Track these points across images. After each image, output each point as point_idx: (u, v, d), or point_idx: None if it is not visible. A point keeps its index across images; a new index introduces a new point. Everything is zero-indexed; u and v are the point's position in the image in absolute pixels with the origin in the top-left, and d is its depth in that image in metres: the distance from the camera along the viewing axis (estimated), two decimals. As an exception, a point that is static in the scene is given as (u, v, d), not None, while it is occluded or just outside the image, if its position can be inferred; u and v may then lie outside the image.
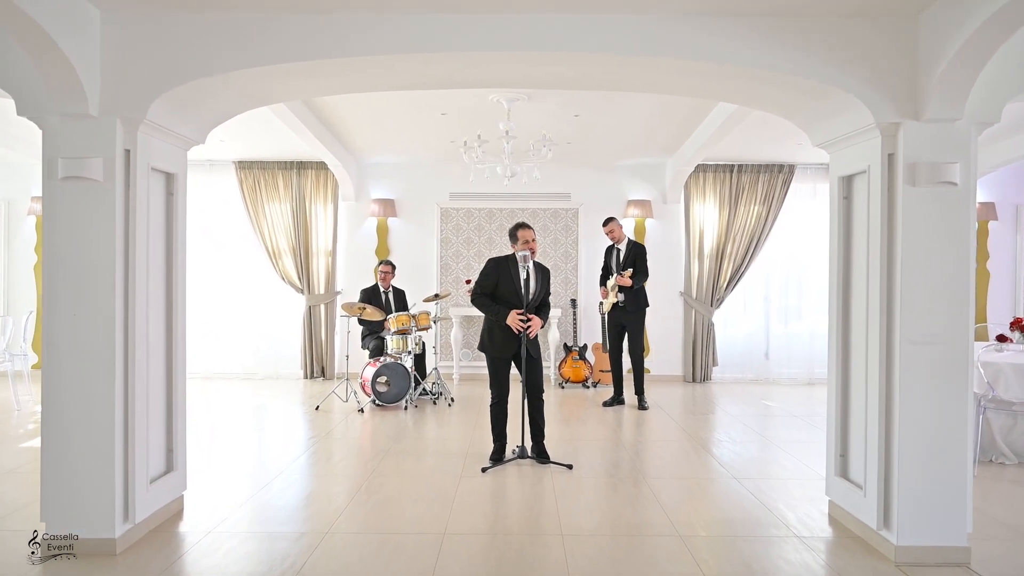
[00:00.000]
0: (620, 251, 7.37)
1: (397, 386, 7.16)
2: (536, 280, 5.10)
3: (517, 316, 4.93)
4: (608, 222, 7.42)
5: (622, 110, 6.91)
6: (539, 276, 5.14)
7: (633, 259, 7.23)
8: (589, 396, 8.14)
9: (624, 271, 7.14)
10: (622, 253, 7.34)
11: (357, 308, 7.26)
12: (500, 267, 5.11)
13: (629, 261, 7.24)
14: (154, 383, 3.80)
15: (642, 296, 7.30)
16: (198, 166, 9.07)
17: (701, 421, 6.81)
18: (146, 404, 3.66)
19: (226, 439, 5.90)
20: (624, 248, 7.34)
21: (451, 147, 7.95)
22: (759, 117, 6.86)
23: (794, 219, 9.15)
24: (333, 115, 7.24)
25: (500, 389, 5.13)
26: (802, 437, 6.13)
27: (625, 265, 7.23)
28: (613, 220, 7.43)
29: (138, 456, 3.56)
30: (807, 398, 8.15)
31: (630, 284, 7.11)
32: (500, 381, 5.13)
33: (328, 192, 9.11)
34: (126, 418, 3.53)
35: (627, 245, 7.34)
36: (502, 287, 5.08)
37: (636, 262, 7.21)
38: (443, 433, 6.28)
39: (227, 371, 9.17)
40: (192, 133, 4.03)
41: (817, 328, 9.19)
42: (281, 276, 9.08)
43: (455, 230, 9.23)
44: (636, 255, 7.24)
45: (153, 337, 3.78)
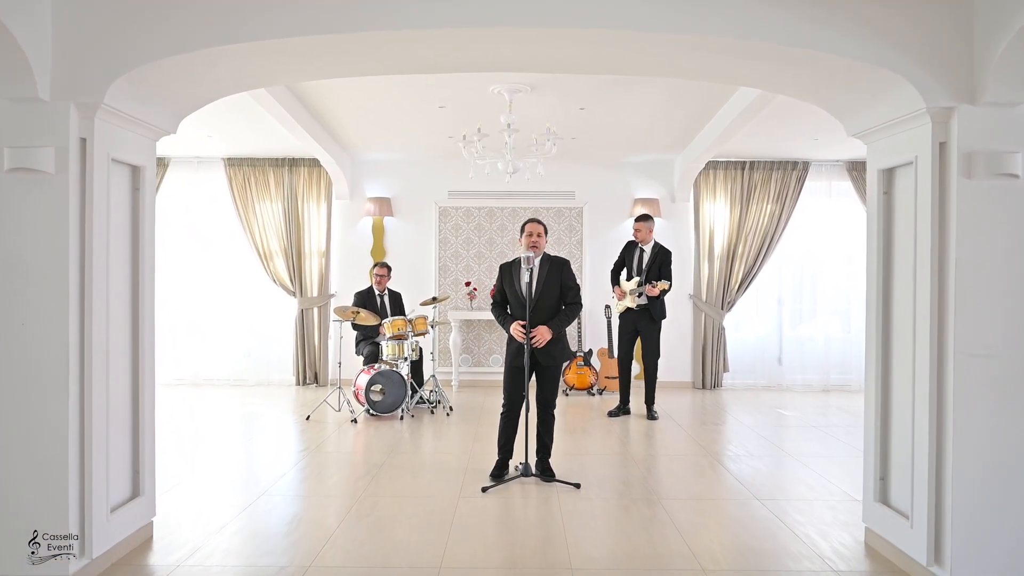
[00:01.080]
0: (644, 253, 6.95)
1: (392, 395, 6.77)
2: (543, 279, 4.70)
3: (519, 327, 4.59)
4: (643, 219, 6.98)
5: (629, 103, 6.52)
6: (549, 273, 4.72)
7: (659, 266, 6.82)
8: (595, 404, 7.75)
9: (658, 282, 6.69)
10: (646, 256, 6.92)
11: (350, 312, 6.87)
12: (503, 273, 4.80)
13: (655, 267, 6.82)
14: (117, 399, 3.41)
15: (664, 305, 6.91)
16: (185, 163, 8.69)
17: (714, 432, 6.42)
18: (106, 423, 3.26)
19: (208, 453, 5.50)
20: (649, 251, 6.92)
21: (450, 143, 7.56)
22: (773, 111, 6.48)
23: (808, 218, 8.76)
24: (325, 109, 6.85)
25: (509, 397, 4.75)
26: (824, 450, 5.73)
27: (650, 270, 6.81)
28: (649, 219, 6.99)
29: (96, 482, 3.17)
30: (823, 406, 7.76)
31: (657, 295, 6.70)
32: (510, 388, 4.75)
33: (321, 190, 8.72)
34: (82, 439, 3.13)
35: (653, 248, 6.92)
36: (507, 293, 4.77)
37: (662, 269, 6.80)
38: (441, 446, 5.89)
39: (217, 377, 8.78)
40: (162, 121, 3.64)
41: (832, 332, 8.81)
42: (272, 278, 8.69)
43: (454, 230, 8.84)
44: (663, 262, 6.84)
45: (115, 348, 3.39)
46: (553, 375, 4.77)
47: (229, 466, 5.17)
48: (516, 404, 4.72)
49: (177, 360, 8.76)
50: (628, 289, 6.90)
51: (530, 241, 4.71)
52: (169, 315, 8.73)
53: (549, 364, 4.72)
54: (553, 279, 4.72)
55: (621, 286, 6.99)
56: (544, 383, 4.75)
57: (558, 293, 4.73)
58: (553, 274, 4.73)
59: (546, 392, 4.76)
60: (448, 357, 8.72)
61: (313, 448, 5.69)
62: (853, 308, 8.81)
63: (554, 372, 4.78)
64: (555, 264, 4.78)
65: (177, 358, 8.76)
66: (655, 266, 6.80)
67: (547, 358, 4.70)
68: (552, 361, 4.73)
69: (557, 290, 4.73)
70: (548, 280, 4.71)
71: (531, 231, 4.73)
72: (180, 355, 8.77)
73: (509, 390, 4.75)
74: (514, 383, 4.71)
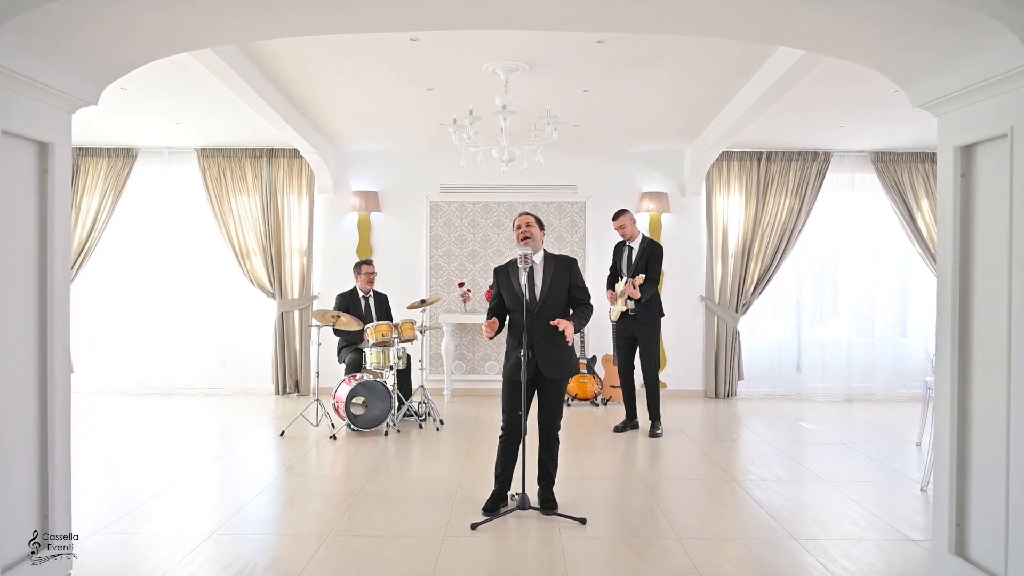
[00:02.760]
0: (632, 250, 6.30)
1: (376, 408, 6.12)
2: (548, 280, 4.09)
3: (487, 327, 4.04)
4: (619, 215, 6.36)
5: (637, 85, 5.87)
6: (556, 273, 4.11)
7: (646, 261, 6.16)
8: (599, 416, 7.10)
9: (635, 277, 6.06)
10: (634, 253, 6.27)
11: (330, 316, 6.21)
12: (499, 276, 4.16)
13: (642, 263, 6.17)
14: (15, 427, 2.74)
15: (656, 304, 6.23)
16: (154, 154, 8.03)
17: (731, 450, 5.76)
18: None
19: (162, 480, 4.83)
20: (637, 247, 6.27)
21: (440, 132, 6.89)
22: (795, 96, 5.85)
23: (830, 213, 8.11)
24: (304, 93, 6.20)
25: (508, 417, 4.10)
26: (858, 472, 5.08)
27: (637, 268, 6.17)
28: (625, 213, 6.36)
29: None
30: (848, 418, 7.10)
31: (638, 296, 6.04)
32: (509, 407, 4.10)
33: (303, 183, 8.06)
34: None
35: (641, 244, 6.27)
36: (506, 297, 4.13)
37: (648, 266, 6.14)
38: (428, 468, 5.24)
39: (190, 386, 8.12)
40: (77, 88, 2.98)
41: (856, 336, 8.16)
42: (249, 278, 8.03)
43: (446, 226, 8.18)
44: (649, 256, 6.17)
45: (15, 363, 2.72)
46: (558, 391, 4.13)
47: (182, 495, 4.50)
48: (518, 426, 4.07)
49: (146, 368, 8.10)
50: (618, 291, 6.26)
51: (519, 234, 4.12)
52: (137, 319, 8.09)
53: (554, 377, 4.07)
54: (560, 279, 4.11)
55: (614, 290, 6.35)
56: (547, 400, 4.10)
57: (566, 296, 4.13)
58: (560, 274, 4.12)
59: (550, 411, 4.12)
60: (440, 364, 8.06)
61: (284, 471, 5.03)
62: (877, 310, 8.16)
63: (559, 388, 4.13)
64: (562, 263, 4.16)
65: (146, 366, 8.10)
66: (642, 262, 6.15)
67: (551, 369, 4.05)
68: (557, 373, 4.09)
69: (565, 292, 4.12)
70: (555, 281, 4.10)
71: (519, 223, 4.17)
72: (149, 362, 8.11)
73: (509, 410, 4.10)
74: (514, 401, 4.06)
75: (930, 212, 7.91)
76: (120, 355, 8.10)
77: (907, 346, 8.15)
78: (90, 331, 8.09)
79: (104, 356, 8.11)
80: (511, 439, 4.10)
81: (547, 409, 4.11)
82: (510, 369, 4.08)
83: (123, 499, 4.33)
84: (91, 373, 8.10)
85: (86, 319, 8.09)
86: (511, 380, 4.08)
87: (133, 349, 8.10)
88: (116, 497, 4.36)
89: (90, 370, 8.10)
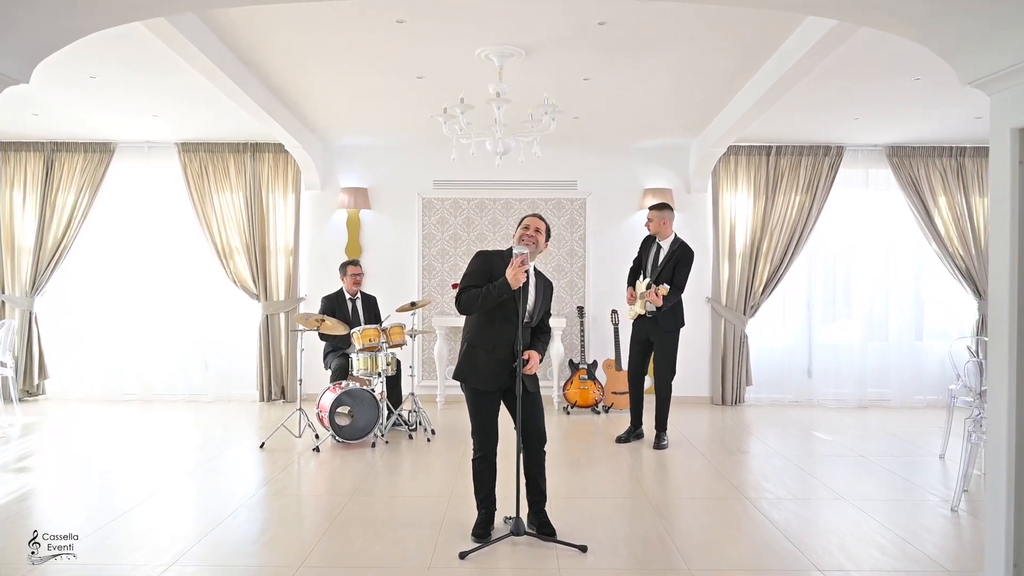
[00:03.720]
0: (661, 250, 5.87)
1: (363, 417, 5.73)
2: (540, 293, 3.79)
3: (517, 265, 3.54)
4: (654, 208, 5.86)
5: (641, 73, 5.50)
6: (545, 291, 3.83)
7: (673, 266, 5.75)
8: (599, 425, 6.71)
9: (660, 285, 5.58)
10: (662, 253, 5.84)
11: (314, 320, 5.83)
12: (493, 262, 3.67)
13: (668, 267, 5.75)
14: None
15: (679, 311, 5.84)
16: (133, 149, 7.66)
17: (742, 464, 5.37)
18: None
19: (126, 499, 4.43)
20: (667, 248, 5.85)
21: (432, 125, 6.49)
22: (807, 86, 5.48)
23: (843, 210, 7.74)
24: (287, 83, 5.83)
25: (484, 437, 3.71)
26: (880, 490, 4.69)
27: (663, 272, 5.74)
28: (664, 209, 5.85)
29: None
30: (863, 427, 6.72)
31: (661, 304, 5.63)
32: (484, 425, 3.71)
33: (288, 179, 7.68)
34: None
35: (671, 245, 5.82)
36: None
37: (675, 271, 5.73)
38: (417, 484, 4.85)
39: (170, 393, 7.73)
40: (3, 65, 2.59)
41: (870, 340, 7.79)
42: (233, 279, 7.64)
43: (439, 224, 7.80)
44: (678, 261, 5.76)
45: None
46: (539, 402, 3.81)
47: (144, 519, 4.10)
48: (492, 445, 3.73)
49: (124, 374, 7.72)
50: (639, 292, 5.84)
51: (525, 234, 3.73)
52: (115, 322, 7.71)
53: (534, 390, 3.74)
54: (544, 298, 3.83)
55: (635, 288, 5.94)
56: (531, 410, 3.72)
57: (541, 313, 3.82)
58: (545, 293, 3.84)
59: (536, 420, 3.76)
60: (432, 369, 7.68)
61: (260, 488, 4.64)
62: (892, 312, 7.79)
63: (539, 399, 3.81)
64: (546, 283, 3.88)
65: (124, 371, 7.72)
66: (669, 266, 5.74)
67: (533, 382, 3.73)
68: (537, 386, 3.78)
69: (541, 308, 3.81)
70: (542, 298, 3.81)
71: (529, 223, 3.79)
72: (127, 368, 7.73)
73: (481, 427, 3.72)
74: (487, 419, 3.71)
75: (948, 209, 7.53)
76: (97, 360, 7.72)
77: (923, 350, 7.78)
78: (65, 334, 7.72)
79: (80, 361, 7.73)
80: (485, 459, 3.74)
81: (532, 420, 3.72)
82: (483, 378, 3.66)
83: (81, 521, 3.94)
84: (66, 379, 7.73)
85: (61, 321, 7.73)
86: (480, 393, 3.69)
87: (110, 353, 7.72)
88: (72, 519, 3.97)
89: (65, 376, 7.73)
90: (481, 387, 3.68)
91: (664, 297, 5.56)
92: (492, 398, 3.69)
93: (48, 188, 7.55)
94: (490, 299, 3.57)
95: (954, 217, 7.51)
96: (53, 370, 7.72)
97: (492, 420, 3.70)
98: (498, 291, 3.55)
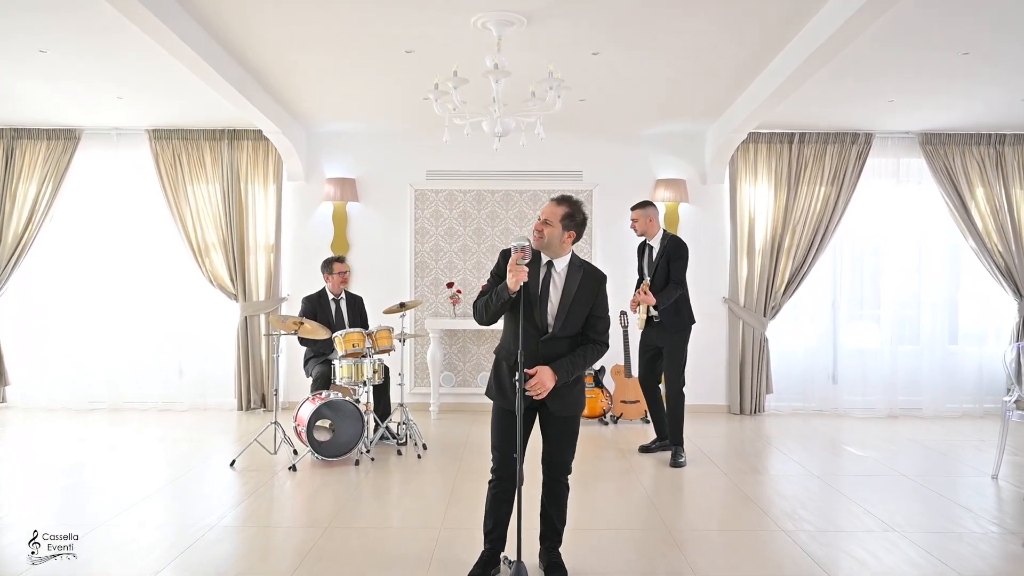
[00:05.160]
0: (652, 250, 5.31)
1: (345, 432, 5.14)
2: (571, 292, 3.04)
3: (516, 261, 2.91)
4: (636, 207, 5.34)
5: (656, 46, 4.92)
6: (581, 287, 3.05)
7: (666, 262, 5.17)
8: (608, 438, 6.12)
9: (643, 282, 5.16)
10: (655, 252, 5.28)
11: (292, 323, 5.23)
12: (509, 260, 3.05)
13: (662, 264, 5.19)
14: None
15: (684, 309, 5.24)
16: (100, 136, 7.06)
17: (771, 486, 4.77)
18: None
19: (69, 527, 3.82)
20: (658, 246, 5.28)
21: (425, 109, 5.91)
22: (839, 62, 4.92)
23: (871, 202, 7.14)
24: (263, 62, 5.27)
25: (501, 455, 3.10)
26: (936, 520, 4.08)
27: (657, 271, 5.19)
28: (642, 206, 5.33)
29: None
30: (896, 440, 6.12)
31: (654, 302, 5.07)
32: (501, 441, 3.11)
33: (269, 169, 7.08)
34: None
35: (661, 242, 5.27)
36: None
37: (669, 266, 5.15)
38: (404, 512, 4.24)
39: (143, 400, 7.13)
40: None
41: (900, 344, 7.18)
42: (209, 278, 7.04)
43: (434, 218, 7.19)
44: (670, 256, 5.18)
45: None
46: (568, 426, 3.14)
47: (82, 559, 3.50)
48: (512, 467, 3.08)
49: (92, 380, 7.11)
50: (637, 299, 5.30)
51: (536, 225, 3.09)
52: (82, 324, 7.12)
53: (562, 413, 3.09)
54: (583, 297, 3.06)
55: None
56: (555, 437, 3.13)
57: (583, 320, 3.08)
58: (585, 289, 3.07)
59: (559, 450, 3.14)
60: (425, 375, 7.08)
61: (224, 516, 4.04)
62: (923, 314, 7.19)
63: (570, 423, 3.14)
64: (591, 277, 3.10)
65: (92, 377, 7.11)
66: (663, 263, 5.16)
67: (559, 404, 3.08)
68: (566, 409, 3.10)
69: (584, 317, 3.08)
70: (577, 296, 3.04)
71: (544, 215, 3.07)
72: (96, 373, 7.12)
73: (500, 447, 3.11)
74: (507, 435, 3.08)
75: (986, 202, 6.93)
76: (62, 365, 7.11)
77: (957, 354, 7.19)
78: (28, 337, 7.12)
79: (44, 366, 7.12)
80: (503, 484, 3.12)
81: (555, 448, 3.13)
82: (500, 393, 3.10)
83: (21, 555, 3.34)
84: (29, 386, 7.13)
85: (23, 323, 7.12)
86: (502, 409, 3.10)
87: (77, 358, 7.11)
88: (11, 547, 3.38)
89: (28, 382, 7.13)
90: (500, 403, 3.10)
91: (658, 295, 5.06)
92: (510, 415, 3.06)
93: (8, 178, 6.95)
94: (491, 305, 3.00)
95: (992, 210, 6.90)
96: (15, 376, 7.12)
97: (508, 436, 3.05)
98: (497, 296, 2.96)
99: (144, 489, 4.56)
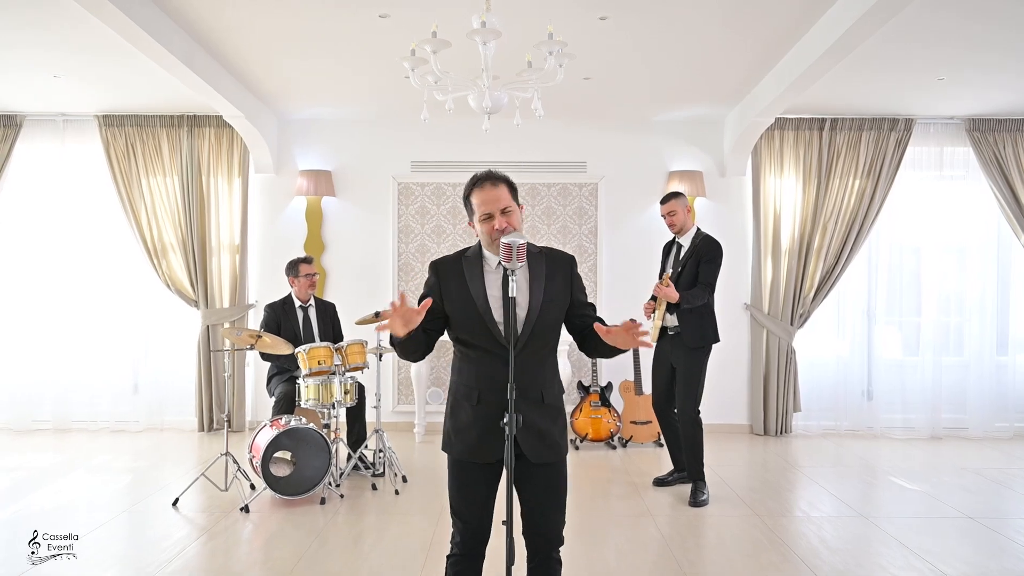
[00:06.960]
0: (682, 248, 4.54)
1: (308, 465, 4.36)
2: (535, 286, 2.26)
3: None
4: (668, 199, 4.56)
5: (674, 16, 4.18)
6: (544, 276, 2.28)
7: (696, 263, 4.40)
8: (616, 465, 5.34)
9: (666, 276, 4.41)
10: (683, 251, 4.51)
11: (248, 336, 4.46)
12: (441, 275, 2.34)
13: (690, 265, 4.41)
14: None
15: (708, 321, 4.45)
16: (45, 123, 6.30)
17: (814, 531, 3.98)
18: None
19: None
20: (687, 244, 4.51)
21: (408, 93, 5.15)
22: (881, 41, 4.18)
23: (911, 197, 6.37)
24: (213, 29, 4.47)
25: (466, 525, 2.28)
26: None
27: (685, 272, 4.41)
28: (674, 198, 4.54)
29: None
30: (945, 467, 5.35)
31: (676, 298, 4.29)
32: (465, 507, 2.29)
33: (235, 160, 6.31)
34: None
35: (693, 239, 4.50)
36: (456, 315, 2.31)
37: (699, 268, 4.38)
38: (373, 568, 3.46)
39: (92, 420, 6.35)
40: None
41: (943, 355, 6.41)
42: (166, 282, 6.27)
43: (419, 214, 6.42)
44: (701, 256, 4.40)
45: None
46: (554, 479, 2.29)
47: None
48: (477, 539, 2.29)
49: (36, 397, 6.33)
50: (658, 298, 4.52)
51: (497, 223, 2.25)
52: (24, 334, 6.35)
53: (544, 460, 2.26)
54: (557, 291, 2.29)
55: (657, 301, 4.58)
56: (538, 496, 2.28)
57: (561, 317, 2.33)
58: (557, 281, 2.30)
59: (545, 516, 2.29)
60: (410, 392, 6.31)
61: (155, 573, 3.27)
62: (969, 322, 6.41)
63: (555, 474, 2.29)
64: (558, 262, 2.34)
65: (37, 393, 6.34)
66: (692, 263, 4.40)
67: (540, 449, 2.24)
68: (550, 454, 2.26)
69: (561, 312, 2.32)
70: (548, 293, 2.26)
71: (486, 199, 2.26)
72: (40, 390, 6.35)
73: (465, 512, 2.30)
74: (473, 495, 2.28)
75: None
76: (2, 380, 6.34)
77: (1007, 367, 6.41)
78: (-36, 349, 6.35)
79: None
80: (468, 564, 2.30)
81: (538, 512, 2.28)
82: (464, 443, 2.27)
83: None
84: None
85: (-41, 334, 6.35)
86: (464, 462, 2.29)
87: (19, 372, 6.33)
88: None
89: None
90: (460, 455, 2.29)
91: (685, 295, 4.29)
92: (478, 471, 2.28)
93: (-61, 171, 6.18)
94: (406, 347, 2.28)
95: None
96: (-50, 392, 6.35)
97: (478, 500, 2.27)
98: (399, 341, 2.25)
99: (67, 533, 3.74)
